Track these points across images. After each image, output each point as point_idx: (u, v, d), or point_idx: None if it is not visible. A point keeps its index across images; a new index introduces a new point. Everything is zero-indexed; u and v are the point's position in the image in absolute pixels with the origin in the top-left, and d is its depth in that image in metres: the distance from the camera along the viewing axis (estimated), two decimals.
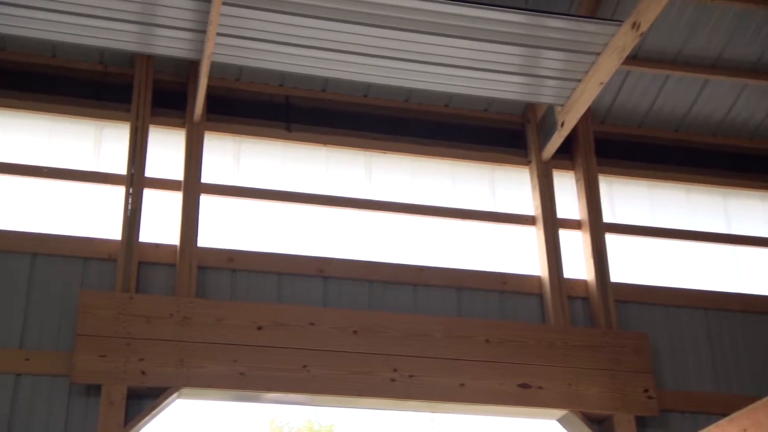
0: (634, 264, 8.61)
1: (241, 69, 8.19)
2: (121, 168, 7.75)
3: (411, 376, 7.35)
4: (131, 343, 6.95)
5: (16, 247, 7.18)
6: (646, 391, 7.70)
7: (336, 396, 7.26)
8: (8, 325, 6.94)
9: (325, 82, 8.43)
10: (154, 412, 6.91)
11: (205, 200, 7.80)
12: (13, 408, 6.70)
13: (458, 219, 8.45)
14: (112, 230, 7.52)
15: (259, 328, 7.23)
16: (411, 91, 8.61)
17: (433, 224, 8.39)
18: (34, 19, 6.98)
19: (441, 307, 7.95)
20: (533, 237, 8.49)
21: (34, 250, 7.22)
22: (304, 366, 7.19)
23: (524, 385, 7.53)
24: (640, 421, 7.62)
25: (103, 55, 7.94)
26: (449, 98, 8.73)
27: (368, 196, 8.33)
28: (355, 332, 7.41)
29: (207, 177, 7.89)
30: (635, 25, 7.25)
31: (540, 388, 7.54)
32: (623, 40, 7.43)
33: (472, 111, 8.85)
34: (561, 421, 7.69)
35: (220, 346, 7.11)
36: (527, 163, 8.76)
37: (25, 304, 7.06)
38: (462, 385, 7.41)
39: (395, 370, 7.34)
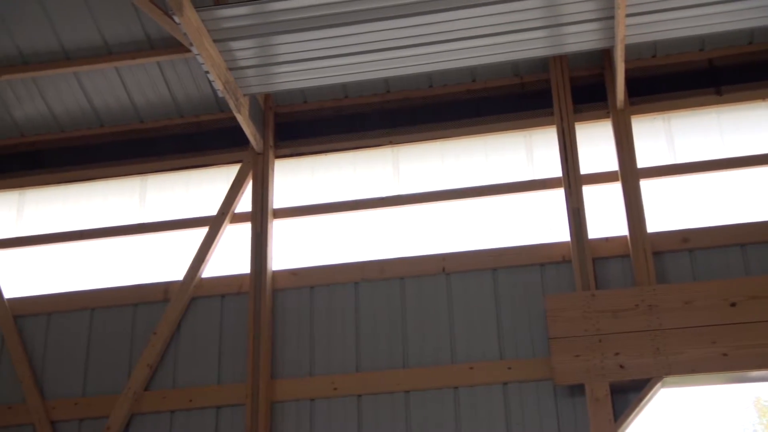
0: None
1: (655, 44, 7.92)
2: (555, 171, 7.89)
3: None
4: (603, 339, 6.98)
5: (477, 265, 7.61)
6: None
7: None
8: (487, 339, 7.37)
9: (751, 34, 7.81)
10: (641, 405, 6.85)
11: (645, 185, 7.63)
12: (507, 415, 7.09)
13: None
14: (560, 233, 7.66)
15: (733, 304, 6.85)
16: None
17: None
18: (456, 50, 7.42)
19: None
20: None
21: (494, 266, 7.59)
22: None
23: None
24: None
25: (517, 67, 8.19)
26: None
27: None
28: None
29: (643, 162, 7.72)
30: None
31: None
32: None
33: None
34: None
35: (694, 329, 6.86)
36: None
37: (495, 317, 7.44)
38: None
39: None
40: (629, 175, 7.57)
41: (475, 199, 7.98)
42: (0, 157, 8.88)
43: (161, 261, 8.25)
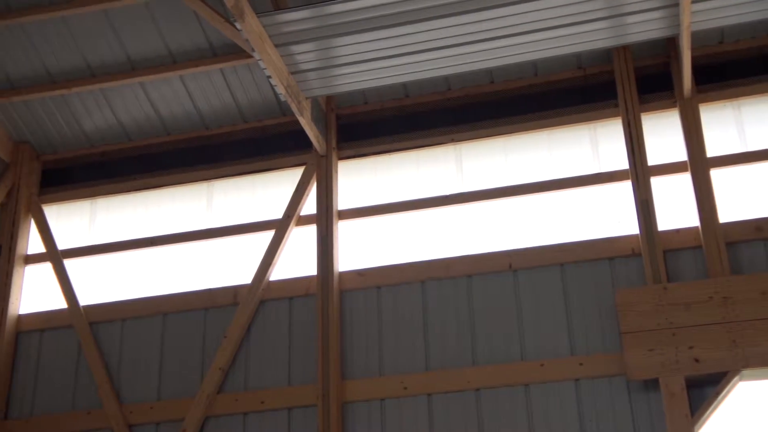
0: None
1: (722, 30, 7.74)
2: (622, 163, 7.77)
3: None
4: (677, 333, 6.85)
5: (545, 261, 7.54)
6: None
7: None
8: (557, 335, 7.30)
9: None
10: (718, 399, 6.71)
11: (716, 174, 7.46)
12: (580, 412, 7.00)
13: None
14: (629, 225, 7.54)
15: None
16: None
17: None
18: (517, 45, 7.35)
19: None
20: None
21: (562, 261, 7.51)
22: None
23: None
24: None
25: (580, 59, 8.08)
26: None
27: None
28: None
29: (712, 150, 7.56)
30: None
31: None
32: None
33: None
34: None
35: None
36: None
37: (565, 313, 7.36)
38: None
39: None
40: (699, 164, 7.42)
41: (540, 194, 7.90)
42: (71, 168, 9.10)
43: (230, 265, 8.36)
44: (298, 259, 8.19)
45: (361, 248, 8.14)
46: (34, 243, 8.86)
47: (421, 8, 7.02)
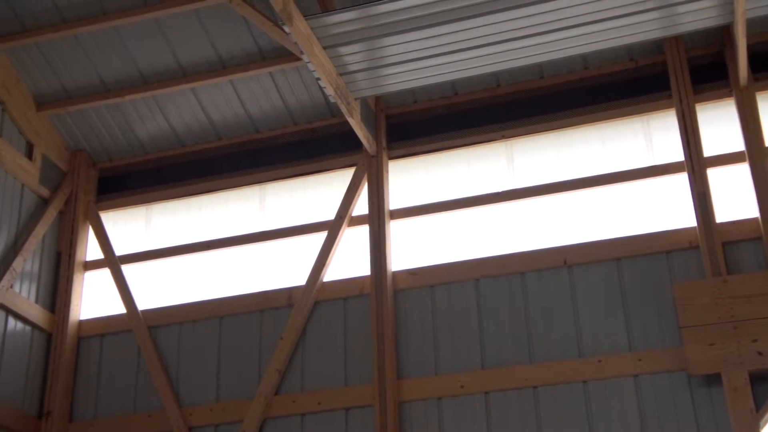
0: None
1: None
2: (677, 155, 7.64)
3: None
4: (738, 326, 6.72)
5: (600, 256, 7.45)
6: None
7: None
8: (614, 331, 7.21)
9: None
10: None
11: None
12: (640, 408, 6.91)
13: None
14: (686, 218, 7.41)
15: None
16: None
17: None
18: (567, 38, 7.25)
19: None
20: None
21: (617, 256, 7.41)
22: None
23: None
24: None
25: (631, 51, 7.97)
26: None
27: None
28: None
29: None
30: None
31: None
32: None
33: None
34: None
35: None
36: None
37: (622, 308, 7.26)
38: None
39: None
40: (757, 154, 7.27)
41: (593, 189, 7.81)
42: (127, 174, 9.25)
43: (284, 267, 8.41)
44: (351, 259, 8.21)
45: (413, 247, 8.12)
46: (92, 249, 9.02)
47: (468, 5, 6.96)
